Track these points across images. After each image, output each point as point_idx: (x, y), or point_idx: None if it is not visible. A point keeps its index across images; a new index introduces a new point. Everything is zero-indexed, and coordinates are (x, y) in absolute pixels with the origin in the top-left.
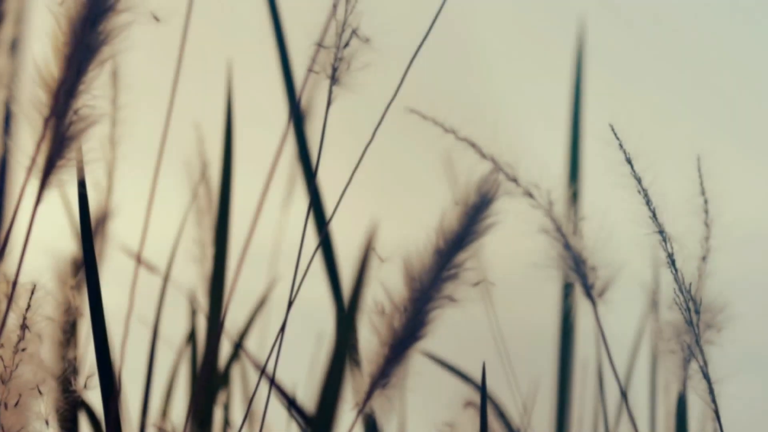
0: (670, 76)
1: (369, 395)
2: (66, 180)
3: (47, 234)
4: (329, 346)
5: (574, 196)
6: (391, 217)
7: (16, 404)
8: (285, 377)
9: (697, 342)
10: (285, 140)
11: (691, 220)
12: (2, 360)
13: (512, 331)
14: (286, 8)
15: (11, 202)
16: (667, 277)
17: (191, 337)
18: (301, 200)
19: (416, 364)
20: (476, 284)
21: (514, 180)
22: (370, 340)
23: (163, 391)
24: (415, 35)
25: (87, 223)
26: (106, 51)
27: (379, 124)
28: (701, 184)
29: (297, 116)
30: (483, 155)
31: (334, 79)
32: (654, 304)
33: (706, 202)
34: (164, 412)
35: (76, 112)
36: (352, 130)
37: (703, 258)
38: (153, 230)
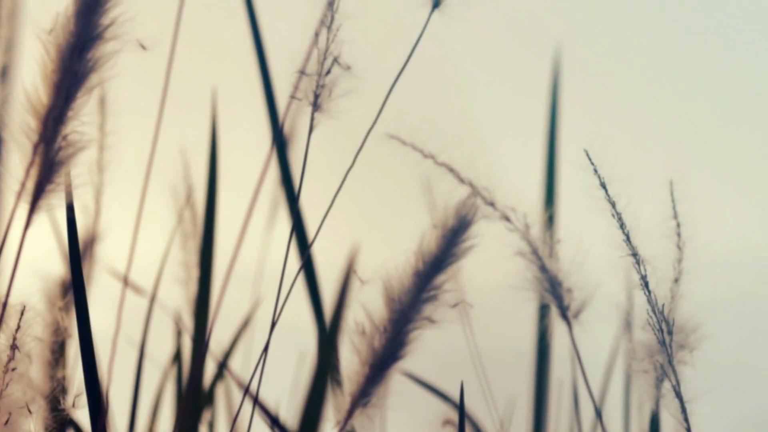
0: (644, 102)
1: (350, 414)
2: (55, 204)
3: (36, 256)
4: (311, 365)
5: (550, 220)
6: (372, 240)
7: (6, 422)
8: (268, 396)
9: (670, 362)
10: (268, 165)
11: (664, 243)
12: None
13: (490, 351)
14: (270, 37)
15: (1, 226)
16: (640, 298)
17: (177, 356)
18: (283, 224)
19: (396, 384)
20: (455, 305)
21: (492, 204)
22: (351, 360)
23: (149, 409)
24: (395, 63)
25: (75, 246)
26: (94, 78)
27: (360, 149)
28: (674, 207)
29: (280, 142)
30: (461, 180)
31: (316, 106)
32: (628, 325)
33: (678, 225)
34: (151, 430)
35: (64, 138)
36: (333, 156)
37: (676, 280)
38: (139, 253)
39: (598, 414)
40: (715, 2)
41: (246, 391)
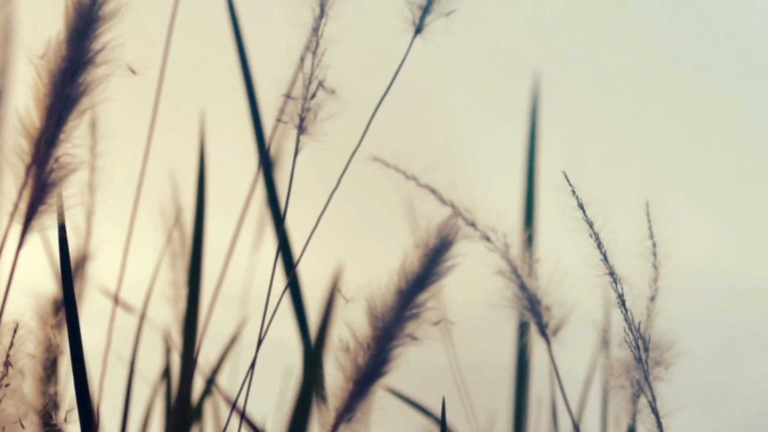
0: (620, 126)
1: (335, 429)
2: (47, 224)
3: (29, 275)
4: (297, 381)
5: (529, 240)
6: (356, 260)
7: None
8: (255, 411)
9: (646, 378)
10: (255, 186)
11: (640, 263)
12: None
13: (471, 367)
14: (257, 61)
15: None
16: (617, 316)
17: (166, 373)
18: (270, 243)
19: (379, 399)
20: (436, 323)
21: (473, 224)
22: (335, 376)
23: (139, 424)
24: (379, 87)
25: (67, 265)
26: (85, 102)
27: (344, 171)
28: (650, 228)
29: (266, 164)
30: (443, 201)
31: (301, 129)
32: (605, 342)
33: (654, 245)
34: None
35: (56, 160)
36: (318, 177)
37: (652, 298)
38: (129, 272)
39: (576, 429)
40: (688, 29)
41: (233, 406)
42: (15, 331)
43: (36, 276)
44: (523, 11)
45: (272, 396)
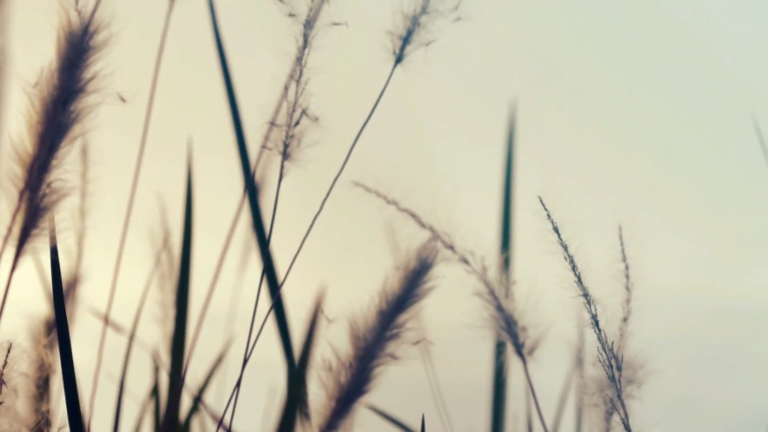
0: (594, 151)
1: None
2: (39, 247)
3: (22, 297)
4: (281, 399)
5: (506, 262)
6: (338, 282)
7: None
8: (241, 428)
9: (619, 396)
10: (240, 211)
11: (613, 284)
12: None
13: (449, 385)
14: (242, 90)
15: None
16: (591, 336)
17: (154, 391)
18: (255, 266)
19: (361, 417)
20: (416, 343)
21: (451, 247)
22: (318, 395)
23: None
24: (360, 114)
25: (59, 286)
26: (76, 129)
27: (327, 196)
28: (623, 250)
29: (251, 189)
30: (422, 225)
31: (285, 155)
32: (579, 361)
33: (627, 267)
34: None
35: (48, 185)
36: (302, 202)
37: (625, 319)
38: (119, 293)
39: None
40: (660, 58)
41: (220, 423)
42: (8, 351)
43: (29, 297)
44: (500, 41)
45: (257, 413)
